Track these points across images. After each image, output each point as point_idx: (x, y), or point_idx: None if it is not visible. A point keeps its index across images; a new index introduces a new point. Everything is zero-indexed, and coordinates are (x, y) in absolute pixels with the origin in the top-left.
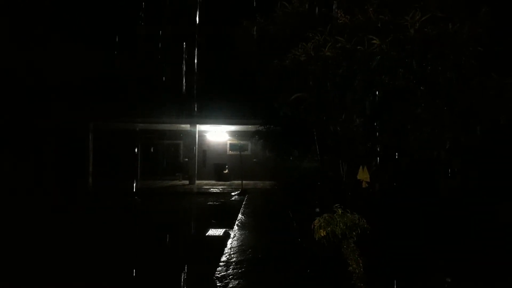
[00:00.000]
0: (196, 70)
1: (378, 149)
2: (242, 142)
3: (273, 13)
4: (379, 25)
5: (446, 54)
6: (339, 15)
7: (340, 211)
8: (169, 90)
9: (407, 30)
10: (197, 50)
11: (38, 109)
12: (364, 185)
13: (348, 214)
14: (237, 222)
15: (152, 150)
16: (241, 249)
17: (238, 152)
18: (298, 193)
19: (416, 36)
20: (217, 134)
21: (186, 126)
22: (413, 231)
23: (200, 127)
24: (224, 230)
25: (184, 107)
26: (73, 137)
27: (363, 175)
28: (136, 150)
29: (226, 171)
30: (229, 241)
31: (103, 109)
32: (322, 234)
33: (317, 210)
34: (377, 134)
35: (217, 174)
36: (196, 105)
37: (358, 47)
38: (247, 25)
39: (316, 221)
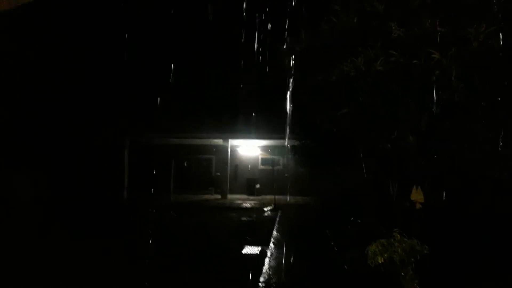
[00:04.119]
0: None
1: (433, 169)
2: (274, 156)
3: (318, 28)
4: (437, 38)
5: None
6: (393, 28)
7: (398, 236)
8: (203, 104)
9: (469, 43)
10: (234, 65)
11: (75, 122)
12: (418, 206)
13: (406, 239)
14: (272, 240)
15: (185, 165)
16: (280, 269)
17: (269, 167)
18: (335, 212)
19: (479, 50)
20: (249, 149)
21: (219, 141)
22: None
23: (232, 142)
24: (260, 248)
25: (217, 123)
26: (110, 152)
27: (417, 195)
28: (169, 164)
29: (258, 186)
30: (266, 260)
31: (138, 125)
32: (380, 261)
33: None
34: (432, 152)
35: (249, 188)
36: (228, 121)
37: (414, 61)
38: (291, 41)
39: (373, 246)
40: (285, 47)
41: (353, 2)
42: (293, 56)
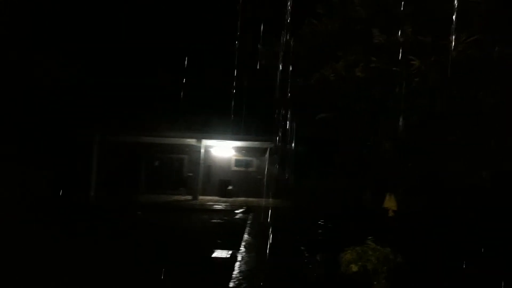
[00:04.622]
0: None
1: (407, 175)
2: (248, 158)
3: (299, 31)
4: (418, 46)
5: (490, 79)
6: (375, 34)
7: (373, 244)
8: (177, 104)
9: (449, 52)
10: (209, 66)
11: (40, 116)
12: (390, 213)
13: (379, 247)
14: (243, 243)
15: (156, 164)
16: (250, 274)
17: (243, 169)
18: (308, 216)
19: (459, 59)
20: (223, 150)
21: (192, 141)
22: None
23: (206, 142)
24: (231, 251)
25: (191, 122)
26: (78, 150)
27: (390, 203)
28: (140, 163)
29: (230, 187)
30: (237, 265)
31: (109, 122)
32: (354, 270)
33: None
34: (408, 159)
35: (221, 190)
36: (202, 120)
37: (394, 68)
38: (272, 43)
39: (348, 254)
40: (263, 48)
41: (337, 6)
42: (274, 58)
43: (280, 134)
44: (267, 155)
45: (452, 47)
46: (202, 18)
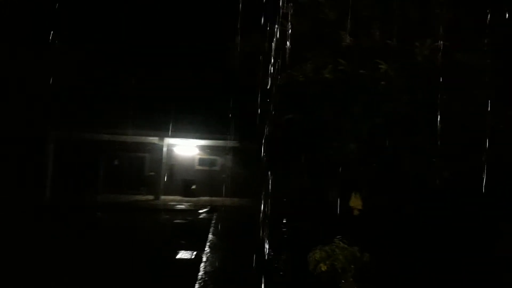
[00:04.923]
0: (167, 83)
1: (372, 176)
2: (212, 157)
3: (268, 31)
4: (386, 50)
5: (452, 84)
6: (343, 37)
7: (341, 243)
8: (140, 101)
9: (414, 57)
10: (175, 63)
11: None
12: (356, 212)
13: (347, 246)
14: (208, 244)
15: (116, 163)
16: (216, 275)
17: (207, 168)
18: (273, 215)
19: (424, 64)
20: (186, 148)
21: (154, 139)
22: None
23: (169, 141)
24: (195, 252)
25: (154, 120)
26: (32, 148)
27: (355, 202)
28: (99, 162)
29: (194, 186)
30: (202, 266)
31: (67, 119)
32: (323, 269)
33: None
34: (372, 160)
35: (185, 189)
36: (166, 118)
37: (361, 71)
38: (240, 42)
39: (317, 253)
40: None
41: (305, 8)
42: (242, 57)
43: (246, 133)
44: (232, 154)
45: (418, 53)
46: (166, 14)
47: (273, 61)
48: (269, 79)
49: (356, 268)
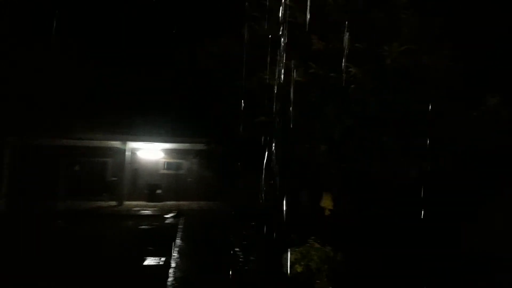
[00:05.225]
0: (130, 85)
1: (343, 176)
2: (178, 160)
3: (238, 33)
4: (355, 53)
5: (419, 86)
6: (314, 41)
7: (316, 244)
8: (101, 105)
9: (383, 60)
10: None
11: None
12: (327, 212)
13: (320, 247)
14: (176, 249)
15: (76, 168)
16: (187, 281)
17: (172, 171)
18: (242, 218)
19: (392, 67)
20: (151, 152)
21: (116, 143)
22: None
23: (132, 144)
24: (163, 258)
25: (116, 123)
26: None
27: (326, 202)
28: (59, 167)
29: (159, 191)
30: (171, 272)
31: (24, 124)
32: (299, 270)
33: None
34: (343, 161)
35: (150, 194)
36: (128, 122)
37: (332, 74)
38: (209, 44)
39: (293, 255)
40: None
41: (274, 11)
42: (211, 59)
43: (214, 136)
44: (199, 157)
45: (386, 56)
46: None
47: (244, 63)
48: (240, 81)
49: (330, 268)
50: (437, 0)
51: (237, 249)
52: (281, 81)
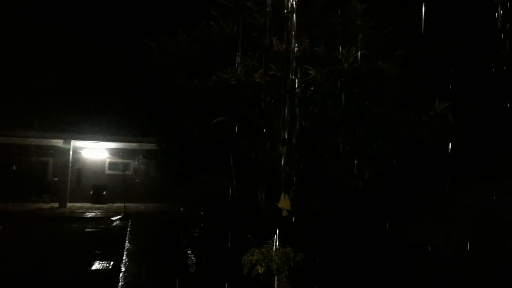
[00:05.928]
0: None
1: (299, 177)
2: (124, 160)
3: (195, 31)
4: (314, 56)
5: (372, 90)
6: (274, 42)
7: (277, 244)
8: (42, 101)
9: (340, 64)
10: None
11: None
12: (284, 213)
13: (280, 247)
14: (125, 252)
15: (14, 168)
16: (139, 285)
17: (118, 172)
18: (195, 219)
19: (349, 70)
20: (95, 152)
21: (58, 142)
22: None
23: (75, 143)
24: (112, 262)
25: (58, 121)
26: None
27: (284, 203)
28: None
29: (105, 192)
30: (121, 276)
31: None
32: (260, 271)
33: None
34: (299, 162)
35: (94, 196)
36: (72, 119)
37: (292, 77)
38: (165, 40)
39: (254, 256)
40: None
41: (233, 10)
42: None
43: (166, 136)
44: (148, 157)
45: (343, 60)
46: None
47: (200, 62)
48: (197, 80)
49: (290, 268)
50: (389, 9)
51: (189, 252)
52: (242, 82)
